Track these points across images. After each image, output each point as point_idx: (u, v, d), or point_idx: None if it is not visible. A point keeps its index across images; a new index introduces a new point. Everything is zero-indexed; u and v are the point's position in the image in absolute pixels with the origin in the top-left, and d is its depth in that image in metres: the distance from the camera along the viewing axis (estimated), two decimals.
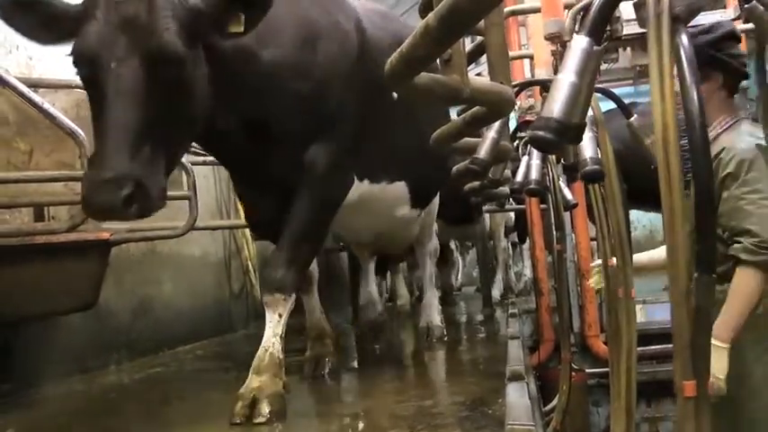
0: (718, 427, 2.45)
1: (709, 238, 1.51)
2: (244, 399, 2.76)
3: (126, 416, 3.35)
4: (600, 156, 2.22)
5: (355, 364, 4.33)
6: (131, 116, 2.34)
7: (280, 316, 2.96)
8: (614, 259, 2.53)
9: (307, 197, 3.07)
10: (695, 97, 1.43)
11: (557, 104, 1.42)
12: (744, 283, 2.52)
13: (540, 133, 1.42)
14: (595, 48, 1.48)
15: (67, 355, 4.19)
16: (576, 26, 1.84)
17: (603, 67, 3.89)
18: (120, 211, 2.29)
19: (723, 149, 2.56)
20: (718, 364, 2.41)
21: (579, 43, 1.49)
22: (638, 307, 6.12)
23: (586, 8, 1.63)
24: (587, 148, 1.96)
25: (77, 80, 3.98)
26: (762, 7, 1.53)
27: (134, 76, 2.36)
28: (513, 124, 4.04)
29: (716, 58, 2.61)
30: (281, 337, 2.95)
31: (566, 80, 1.45)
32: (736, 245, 2.53)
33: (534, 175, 3.04)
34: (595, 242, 3.72)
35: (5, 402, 3.57)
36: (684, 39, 1.48)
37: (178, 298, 5.48)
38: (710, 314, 1.55)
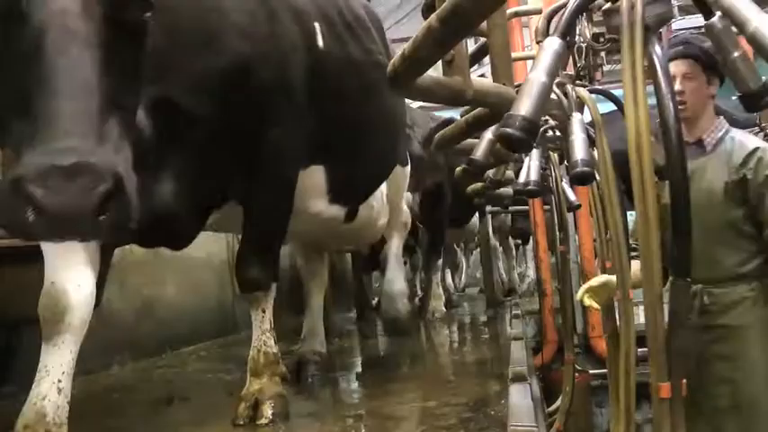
0: (717, 409, 2.46)
1: (686, 242, 1.52)
2: (246, 400, 2.77)
3: (129, 416, 3.35)
4: (596, 157, 2.22)
5: (359, 365, 4.33)
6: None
7: (263, 311, 2.94)
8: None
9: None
10: (671, 105, 1.43)
11: (527, 103, 1.43)
12: None
13: (510, 131, 1.42)
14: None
15: None
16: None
17: (607, 68, 3.88)
18: (88, 224, 1.62)
19: (758, 149, 2.53)
20: None
21: (552, 44, 1.50)
22: (641, 308, 6.15)
23: (559, 10, 1.64)
24: (579, 149, 1.96)
25: None
26: (719, 26, 1.53)
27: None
28: None
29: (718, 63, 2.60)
30: (270, 331, 2.94)
31: (537, 80, 1.46)
32: None
33: (533, 176, 3.03)
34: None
35: (8, 404, 3.57)
36: (657, 48, 1.49)
37: (181, 299, 5.48)
38: (685, 318, 1.56)
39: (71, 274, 2.46)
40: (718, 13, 1.52)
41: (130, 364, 4.64)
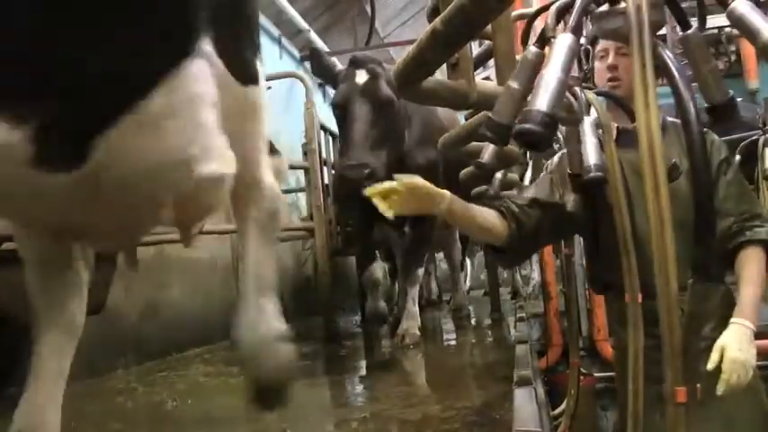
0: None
1: (708, 244, 1.51)
2: None
3: (133, 419, 3.35)
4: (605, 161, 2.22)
5: (363, 367, 4.33)
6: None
7: None
8: None
9: None
10: (691, 104, 1.43)
11: (545, 98, 1.43)
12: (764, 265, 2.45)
13: (529, 126, 1.42)
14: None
15: (75, 358, 4.15)
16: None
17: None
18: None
19: (707, 131, 2.47)
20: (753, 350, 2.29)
21: (565, 40, 1.50)
22: None
23: (568, 6, 1.64)
24: (591, 153, 1.95)
25: None
26: (695, 39, 1.55)
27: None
28: None
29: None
30: None
31: (553, 75, 1.46)
32: (757, 228, 2.44)
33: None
34: None
35: (14, 405, 3.57)
36: (667, 50, 1.49)
37: (186, 301, 5.48)
38: (702, 321, 1.55)
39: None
40: (695, 27, 1.55)
41: (135, 366, 4.64)
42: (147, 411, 3.50)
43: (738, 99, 1.70)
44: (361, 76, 4.57)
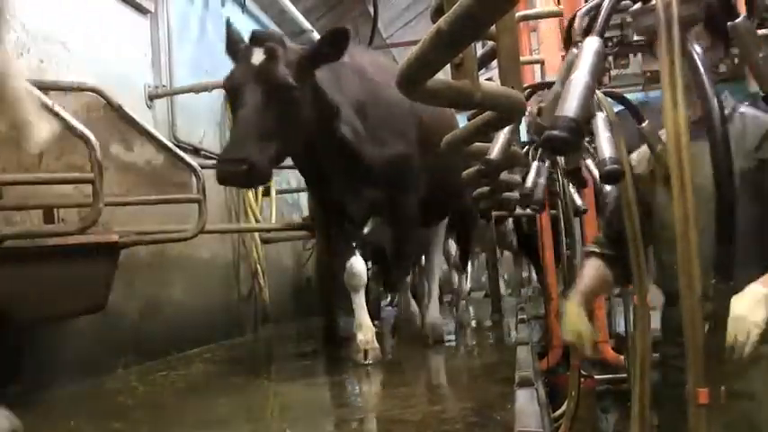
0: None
1: (729, 244, 1.50)
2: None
3: (134, 418, 3.34)
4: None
5: (363, 368, 4.32)
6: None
7: None
8: None
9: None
10: (715, 104, 1.42)
11: (572, 104, 1.42)
12: None
13: (558, 133, 1.41)
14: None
15: (77, 358, 4.19)
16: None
17: (614, 72, 3.88)
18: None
19: None
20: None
21: (592, 44, 1.49)
22: (657, 313, 6.14)
23: (595, 9, 1.63)
24: (606, 148, 1.93)
25: (88, 83, 4.01)
26: (744, 27, 1.54)
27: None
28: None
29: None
30: None
31: (581, 80, 1.45)
32: None
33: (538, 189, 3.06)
34: None
35: (15, 404, 3.57)
36: (697, 46, 1.48)
37: (187, 301, 5.48)
38: (726, 322, 1.55)
39: None
40: (743, 15, 1.52)
41: (135, 365, 4.64)
42: (147, 411, 3.50)
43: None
44: (257, 57, 3.85)
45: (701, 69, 1.49)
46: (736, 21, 1.55)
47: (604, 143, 1.92)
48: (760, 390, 2.31)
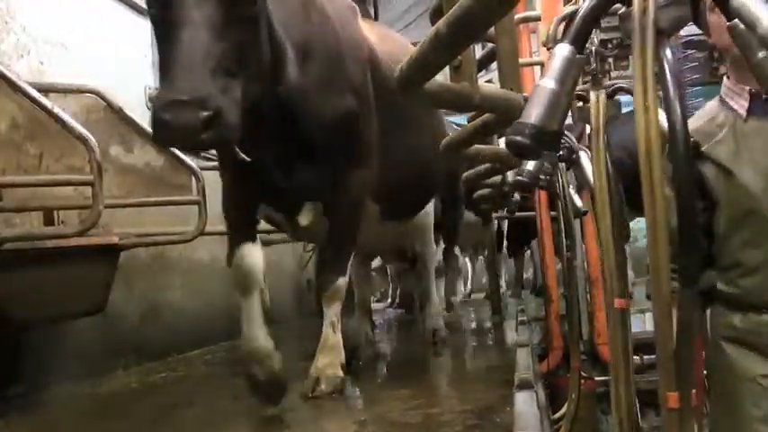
0: None
1: (693, 250, 1.50)
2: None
3: (134, 420, 3.34)
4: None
5: (362, 369, 4.32)
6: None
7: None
8: None
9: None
10: (678, 110, 1.42)
11: (535, 110, 1.43)
12: None
13: (517, 138, 1.42)
14: (578, 56, 1.49)
15: (76, 359, 4.19)
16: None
17: (614, 74, 3.87)
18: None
19: None
20: None
21: (561, 51, 1.49)
22: (647, 315, 6.14)
23: (571, 16, 1.63)
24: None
25: (88, 85, 4.00)
26: (742, 25, 1.53)
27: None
28: None
29: None
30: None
31: (546, 86, 1.45)
32: None
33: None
34: None
35: (15, 405, 3.57)
36: (668, 52, 1.48)
37: (187, 303, 5.48)
38: (693, 326, 1.54)
39: None
40: None
41: (135, 367, 4.64)
42: (147, 412, 3.49)
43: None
44: None
45: (669, 78, 1.49)
46: (735, 20, 1.55)
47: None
48: None
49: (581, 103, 2.35)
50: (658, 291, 1.51)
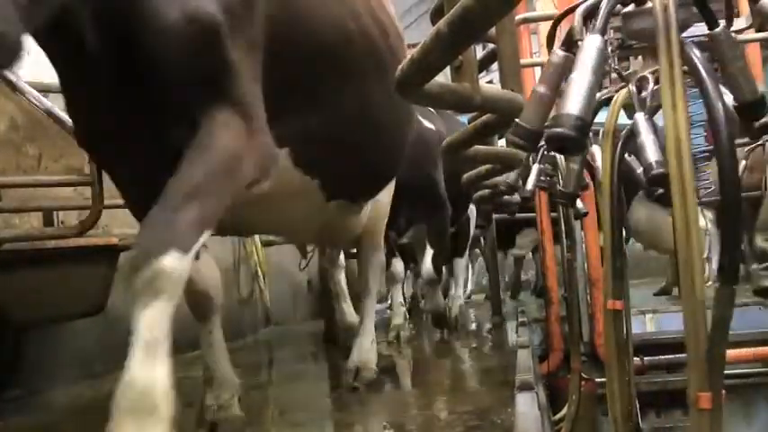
0: None
1: (735, 248, 1.50)
2: None
3: None
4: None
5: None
6: None
7: None
8: None
9: None
10: (719, 105, 1.41)
11: (576, 102, 1.41)
12: None
13: (561, 131, 1.40)
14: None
15: (76, 360, 4.19)
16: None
17: (614, 75, 3.87)
18: None
19: None
20: None
21: (593, 42, 1.48)
22: (648, 317, 6.15)
23: (594, 8, 1.63)
24: (651, 151, 1.83)
25: None
26: (724, 36, 1.53)
27: None
28: None
29: None
30: None
31: (583, 78, 1.44)
32: None
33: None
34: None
35: (14, 406, 3.56)
36: (695, 49, 1.47)
37: (185, 304, 5.46)
38: (728, 325, 1.54)
39: None
40: (722, 24, 1.52)
41: None
42: None
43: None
44: None
45: (703, 73, 1.48)
46: (716, 30, 1.55)
47: (648, 145, 1.83)
48: None
49: None
50: (689, 290, 1.50)
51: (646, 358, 4.87)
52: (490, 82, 4.57)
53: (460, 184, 3.77)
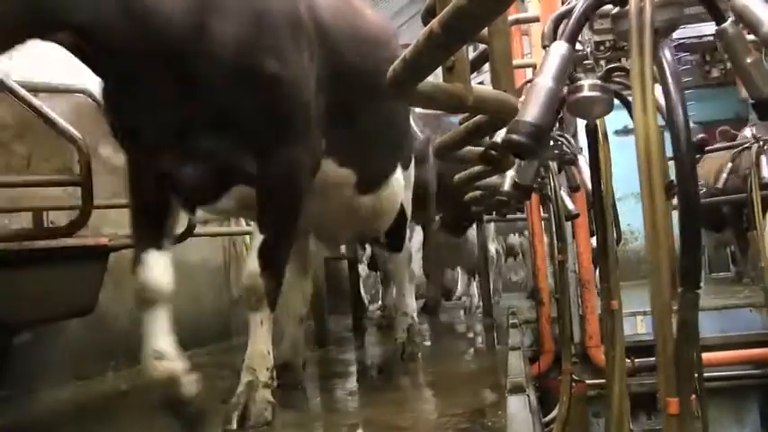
0: None
1: (695, 252, 1.49)
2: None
3: (123, 422, 3.32)
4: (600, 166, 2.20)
5: (354, 372, 4.30)
6: None
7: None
8: None
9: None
10: (680, 109, 1.41)
11: (534, 108, 1.42)
12: None
13: (516, 137, 1.41)
14: (572, 53, 1.49)
15: (65, 361, 4.17)
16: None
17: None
18: None
19: None
20: None
21: (558, 49, 1.49)
22: (639, 318, 6.16)
23: (566, 15, 1.62)
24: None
25: (77, 85, 3.97)
26: (732, 30, 1.52)
27: None
28: None
29: None
30: None
31: (544, 85, 1.45)
32: None
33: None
34: None
35: (2, 408, 3.54)
36: (667, 53, 1.47)
37: (177, 304, 5.42)
38: (695, 329, 1.53)
39: None
40: (731, 19, 1.50)
41: (125, 369, 4.61)
42: (136, 414, 3.47)
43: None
44: None
45: (669, 76, 1.47)
46: (724, 25, 1.54)
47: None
48: None
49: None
50: (658, 294, 1.49)
51: (636, 360, 4.89)
52: (481, 83, 4.57)
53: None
